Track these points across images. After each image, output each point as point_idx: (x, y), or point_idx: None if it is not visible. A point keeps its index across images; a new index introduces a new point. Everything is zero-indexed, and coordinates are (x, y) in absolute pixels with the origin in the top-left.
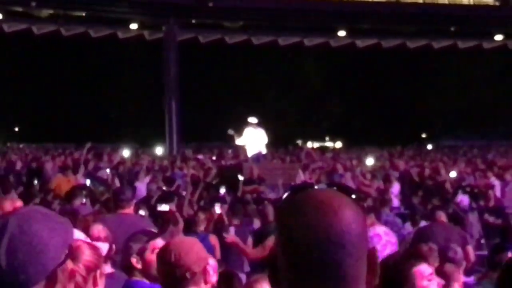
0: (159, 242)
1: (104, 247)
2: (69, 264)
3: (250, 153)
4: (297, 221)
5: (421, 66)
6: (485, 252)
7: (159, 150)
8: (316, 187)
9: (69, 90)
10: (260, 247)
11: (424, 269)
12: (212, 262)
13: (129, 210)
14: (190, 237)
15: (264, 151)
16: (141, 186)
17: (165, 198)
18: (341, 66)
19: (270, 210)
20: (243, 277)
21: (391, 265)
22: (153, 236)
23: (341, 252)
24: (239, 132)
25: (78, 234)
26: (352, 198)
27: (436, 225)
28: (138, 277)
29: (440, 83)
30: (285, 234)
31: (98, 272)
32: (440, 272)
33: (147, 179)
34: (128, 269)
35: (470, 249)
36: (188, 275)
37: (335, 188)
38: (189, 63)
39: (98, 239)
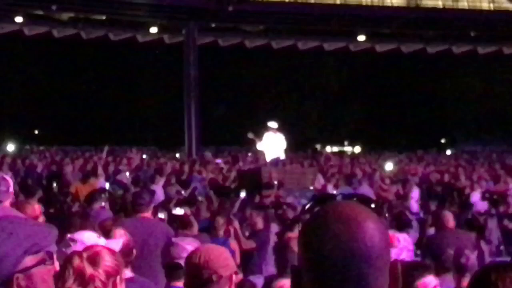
0: None
1: (118, 243)
2: (88, 269)
3: (269, 158)
4: (322, 236)
5: (440, 71)
6: (504, 258)
7: (178, 153)
8: (338, 198)
9: (88, 93)
10: (251, 240)
11: (428, 282)
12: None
13: (148, 214)
14: (220, 246)
15: (282, 156)
16: (157, 189)
17: (180, 201)
18: (360, 71)
19: (290, 214)
20: (259, 281)
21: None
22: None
23: (365, 266)
24: (259, 136)
25: (94, 239)
26: (373, 210)
27: (447, 232)
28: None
29: (459, 88)
30: (310, 248)
31: (118, 278)
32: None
33: (162, 182)
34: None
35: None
36: (214, 277)
37: (355, 199)
38: (209, 67)
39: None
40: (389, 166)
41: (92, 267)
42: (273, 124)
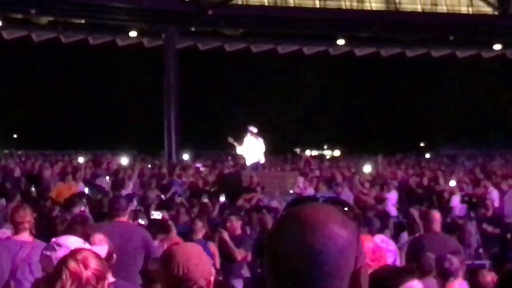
0: None
1: (103, 250)
2: (84, 273)
3: (248, 162)
4: (278, 238)
5: (420, 75)
6: (483, 262)
7: (158, 157)
8: (309, 201)
9: (68, 97)
10: (242, 250)
11: (414, 285)
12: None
13: (124, 218)
14: (194, 244)
15: (262, 160)
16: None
17: (159, 205)
18: (340, 75)
19: (269, 219)
20: (239, 284)
21: (379, 281)
22: None
23: (318, 271)
24: (239, 140)
25: (79, 243)
26: (345, 213)
27: (429, 235)
28: None
29: (439, 92)
30: (269, 250)
31: (106, 281)
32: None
33: (131, 186)
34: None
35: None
36: None
37: (329, 202)
38: (189, 71)
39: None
40: (367, 168)
41: (85, 270)
42: (253, 129)
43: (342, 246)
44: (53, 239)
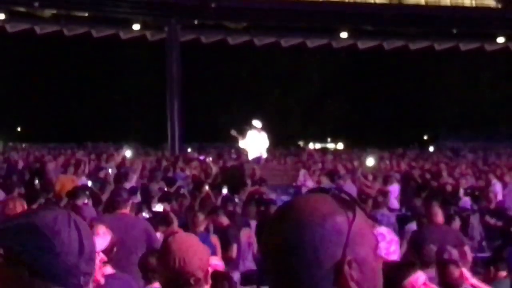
0: None
1: (105, 241)
2: None
3: (251, 156)
4: (267, 227)
5: (423, 68)
6: (486, 254)
7: (161, 150)
8: (308, 192)
9: (71, 90)
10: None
11: (417, 278)
12: (215, 261)
13: (126, 210)
14: (191, 235)
15: (265, 155)
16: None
17: (161, 198)
18: (343, 68)
19: (271, 211)
20: (236, 275)
21: (385, 277)
22: None
23: (294, 260)
24: (242, 133)
25: None
26: (338, 203)
27: (432, 226)
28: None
29: (442, 85)
30: (259, 240)
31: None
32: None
33: (135, 179)
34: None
35: (467, 249)
36: (192, 280)
37: (328, 193)
38: (191, 64)
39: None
40: (370, 161)
41: None
42: (257, 123)
43: (321, 235)
44: None
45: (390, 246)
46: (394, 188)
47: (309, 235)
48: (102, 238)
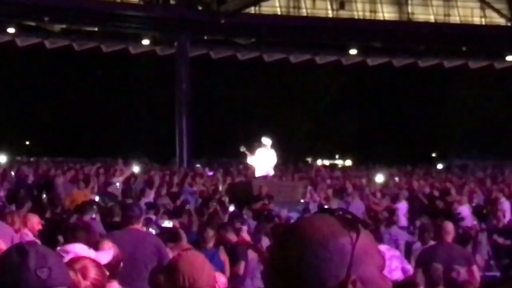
0: None
1: (108, 255)
2: (83, 283)
3: (258, 173)
4: (270, 249)
5: (432, 85)
6: (494, 273)
7: (169, 166)
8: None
9: (80, 104)
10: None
11: None
12: (222, 279)
13: (138, 226)
14: (197, 253)
15: (272, 172)
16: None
17: (169, 213)
18: (352, 84)
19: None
20: None
21: None
22: None
23: (298, 279)
24: (251, 149)
25: (86, 251)
26: (341, 223)
27: (440, 245)
28: None
29: (451, 103)
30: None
31: None
32: None
33: (152, 194)
34: None
35: (475, 269)
36: None
37: (335, 214)
38: (201, 79)
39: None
40: (379, 178)
41: (84, 280)
42: (266, 141)
43: (324, 256)
44: (59, 247)
45: (391, 263)
46: (402, 206)
47: (312, 256)
48: (106, 253)
